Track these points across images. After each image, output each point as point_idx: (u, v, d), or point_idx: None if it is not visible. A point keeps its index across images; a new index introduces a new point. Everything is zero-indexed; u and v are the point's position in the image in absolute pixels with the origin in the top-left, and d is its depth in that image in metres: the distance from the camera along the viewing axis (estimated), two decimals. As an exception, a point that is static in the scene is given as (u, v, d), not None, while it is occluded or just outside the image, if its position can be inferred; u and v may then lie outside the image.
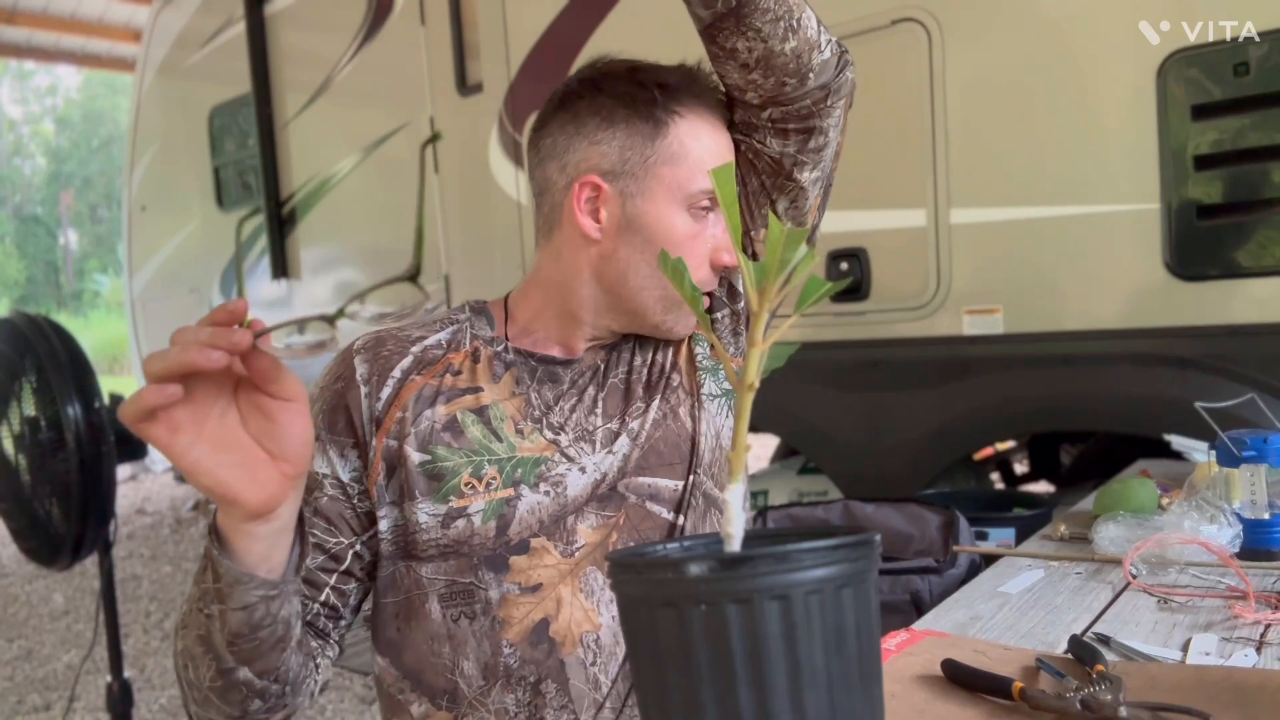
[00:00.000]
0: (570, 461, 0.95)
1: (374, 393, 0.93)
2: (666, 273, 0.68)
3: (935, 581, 1.67)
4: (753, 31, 0.89)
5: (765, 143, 0.98)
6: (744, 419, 0.60)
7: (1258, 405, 1.59)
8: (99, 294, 24.04)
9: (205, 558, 0.75)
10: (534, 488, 0.93)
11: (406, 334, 0.98)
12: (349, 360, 0.95)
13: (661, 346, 1.05)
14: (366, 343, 0.96)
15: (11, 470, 2.03)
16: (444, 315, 1.02)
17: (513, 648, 0.90)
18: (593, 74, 0.98)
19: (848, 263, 2.31)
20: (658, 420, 1.00)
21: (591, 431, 0.97)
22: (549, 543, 0.92)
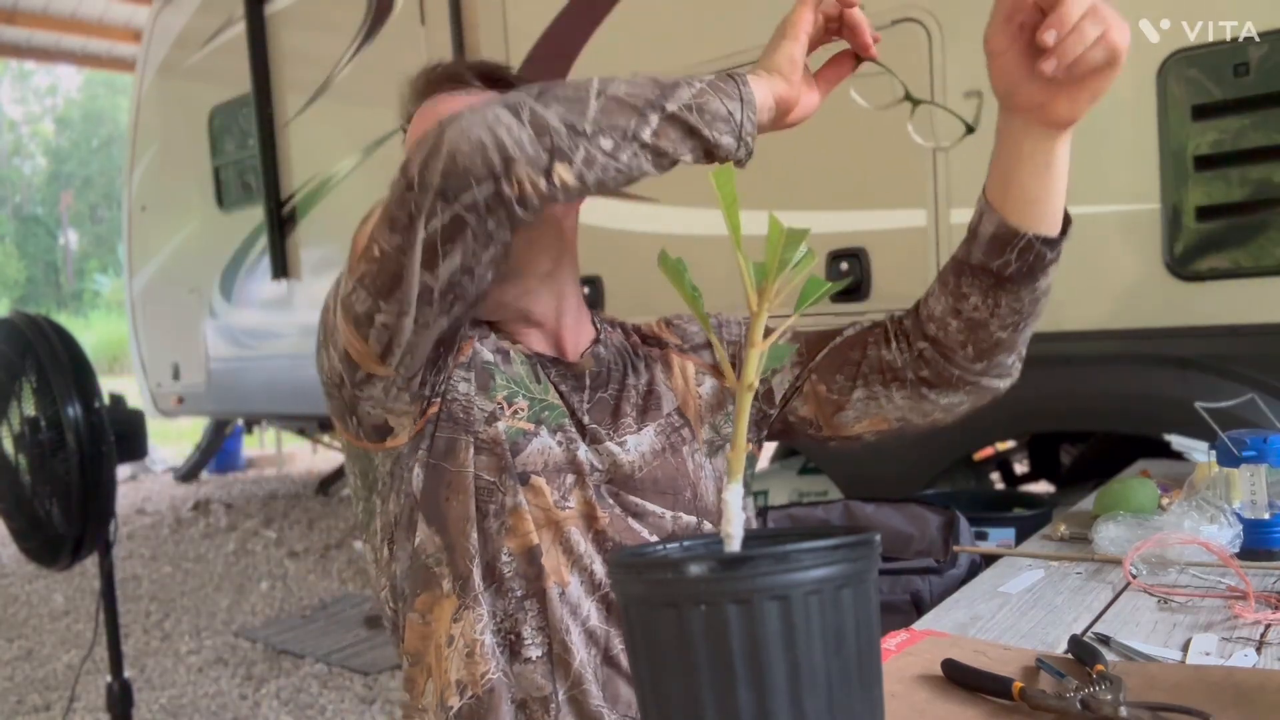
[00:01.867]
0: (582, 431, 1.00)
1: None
2: (667, 273, 0.68)
3: (935, 581, 1.67)
4: (1011, 299, 0.93)
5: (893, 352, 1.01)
6: (744, 419, 0.60)
7: (1258, 405, 1.59)
8: (99, 294, 24.05)
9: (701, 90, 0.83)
10: (553, 432, 0.97)
11: None
12: None
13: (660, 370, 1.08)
14: None
15: (11, 470, 2.04)
16: None
17: (511, 558, 0.94)
18: None
19: (848, 263, 2.31)
20: (656, 450, 1.02)
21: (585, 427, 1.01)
22: (547, 485, 0.96)
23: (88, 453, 1.92)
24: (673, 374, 1.09)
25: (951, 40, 2.14)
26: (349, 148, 3.71)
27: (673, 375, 1.09)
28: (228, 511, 6.05)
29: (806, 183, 2.40)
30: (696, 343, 1.13)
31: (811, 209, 2.36)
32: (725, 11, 2.52)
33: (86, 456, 1.92)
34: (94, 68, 11.82)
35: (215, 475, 7.59)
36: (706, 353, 1.11)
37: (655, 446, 1.03)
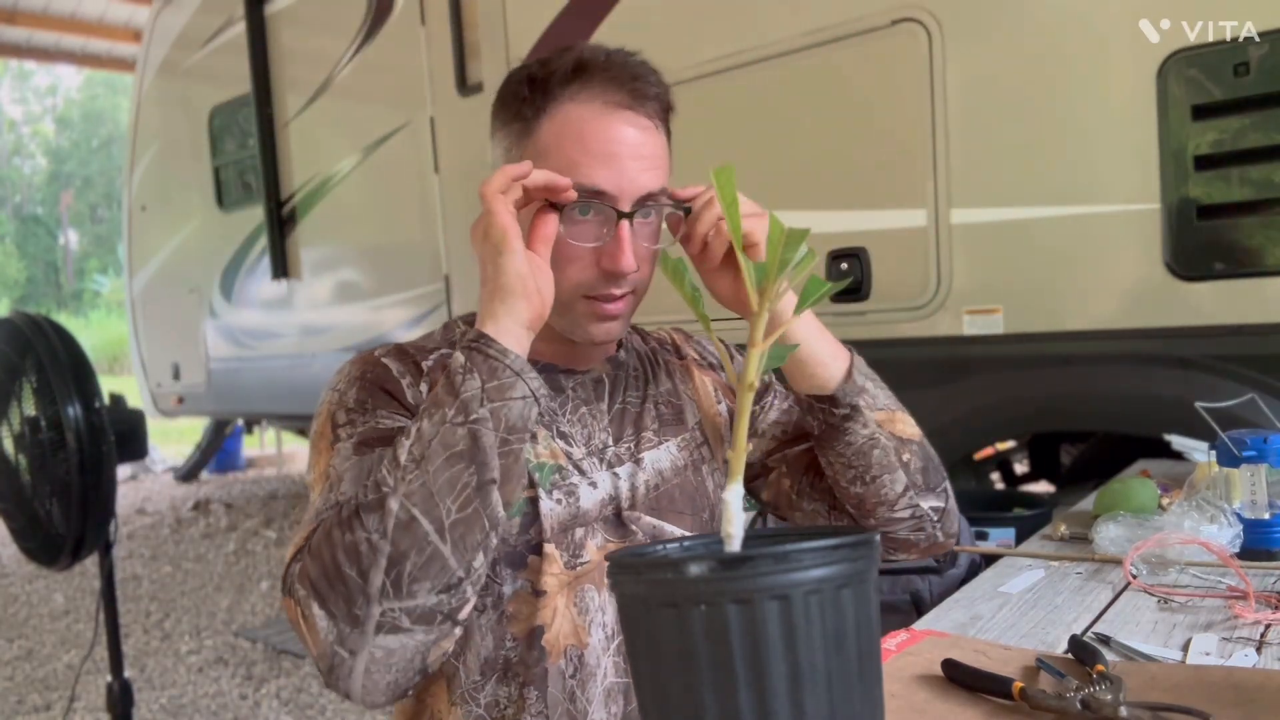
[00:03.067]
0: (582, 474, 0.94)
1: (414, 383, 0.90)
2: (667, 273, 0.68)
3: (935, 581, 1.67)
4: (834, 455, 0.94)
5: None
6: (744, 419, 0.60)
7: (1258, 405, 1.59)
8: (99, 294, 24.05)
9: (466, 369, 0.78)
10: (549, 493, 0.91)
11: (420, 345, 0.96)
12: (375, 360, 0.92)
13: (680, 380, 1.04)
14: (388, 352, 0.93)
15: (12, 470, 2.03)
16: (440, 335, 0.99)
17: (515, 643, 0.90)
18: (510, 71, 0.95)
19: (848, 263, 2.31)
20: (677, 467, 0.99)
21: (601, 449, 0.96)
22: (557, 550, 0.91)
23: (88, 453, 1.92)
24: (694, 387, 1.05)
25: (951, 40, 2.14)
26: (349, 148, 3.72)
27: (694, 388, 1.05)
28: (228, 511, 6.05)
29: (806, 183, 2.40)
30: (714, 361, 1.10)
31: (811, 209, 2.36)
32: (725, 11, 2.52)
33: (86, 456, 1.92)
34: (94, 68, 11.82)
35: (215, 475, 7.59)
36: (722, 372, 1.08)
37: (677, 462, 0.99)
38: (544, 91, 0.89)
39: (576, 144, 0.87)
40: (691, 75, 2.52)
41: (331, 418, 0.88)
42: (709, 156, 0.88)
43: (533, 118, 0.89)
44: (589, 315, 0.91)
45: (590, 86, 0.88)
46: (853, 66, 2.30)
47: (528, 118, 0.90)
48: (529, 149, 0.89)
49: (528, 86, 0.90)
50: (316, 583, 0.76)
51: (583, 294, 0.90)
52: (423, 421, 0.78)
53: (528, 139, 0.89)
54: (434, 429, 0.77)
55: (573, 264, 0.88)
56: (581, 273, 0.89)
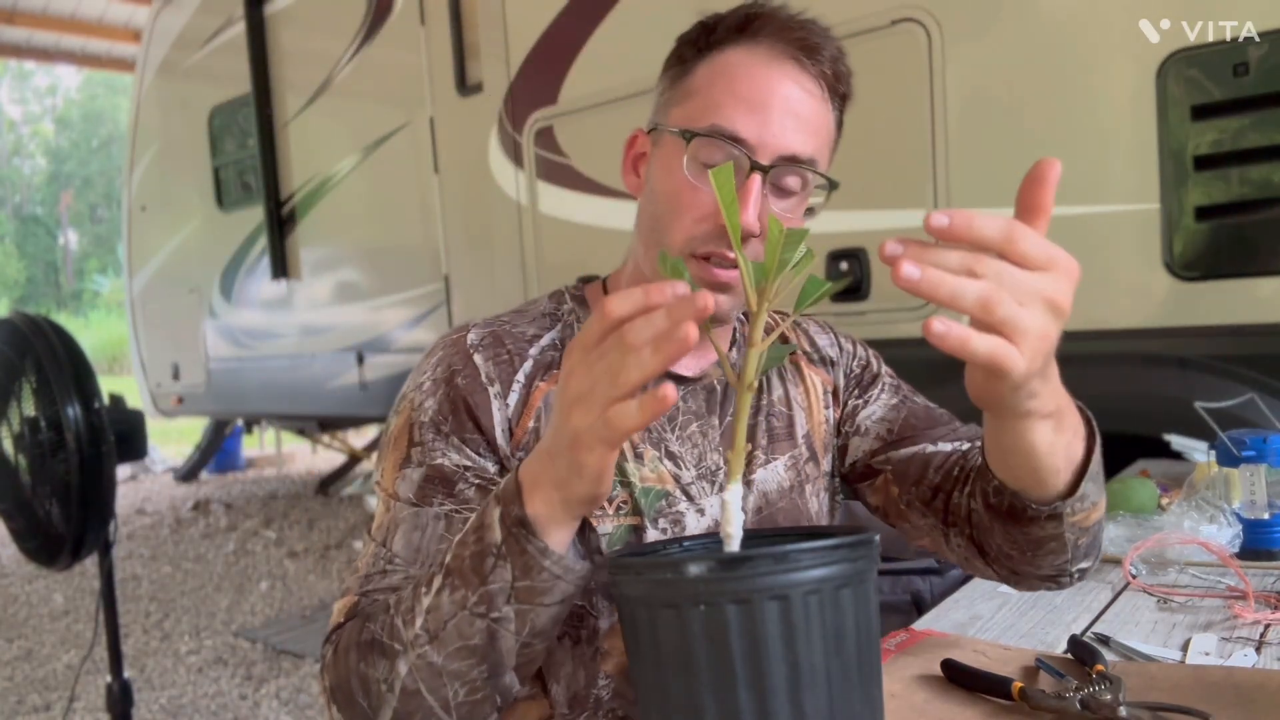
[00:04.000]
0: (690, 501, 0.86)
1: (501, 397, 0.82)
2: (666, 273, 0.68)
3: (935, 581, 1.67)
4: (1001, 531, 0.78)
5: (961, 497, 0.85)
6: (743, 419, 0.60)
7: (1258, 405, 1.59)
8: (99, 294, 24.05)
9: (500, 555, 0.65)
10: (654, 523, 0.84)
11: (520, 331, 0.87)
12: (467, 355, 0.83)
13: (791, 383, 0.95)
14: (483, 339, 0.84)
15: (11, 470, 2.03)
16: (548, 307, 0.90)
17: (609, 679, 0.84)
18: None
19: (848, 263, 2.31)
20: (783, 489, 0.90)
21: (714, 471, 0.88)
22: None
23: (87, 453, 1.92)
24: (804, 389, 0.96)
25: (951, 40, 2.14)
26: (349, 148, 3.71)
27: (804, 391, 0.96)
28: (228, 511, 6.05)
29: (806, 183, 2.40)
30: (819, 357, 0.99)
31: (811, 209, 2.36)
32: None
33: (86, 457, 1.92)
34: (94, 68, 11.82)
35: (215, 475, 7.59)
36: (832, 370, 0.99)
37: (783, 484, 0.91)
38: (710, 34, 0.83)
39: (727, 86, 0.80)
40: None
41: (409, 428, 0.82)
42: (709, 156, 0.88)
43: (692, 59, 0.83)
44: (697, 279, 0.80)
45: (759, 34, 0.82)
46: (853, 66, 2.30)
47: (688, 59, 0.84)
48: (680, 88, 0.84)
49: (699, 30, 0.84)
50: (335, 690, 0.73)
51: (694, 250, 0.80)
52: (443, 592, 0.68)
53: (682, 80, 0.84)
54: (452, 609, 0.67)
55: (690, 212, 0.80)
56: (697, 224, 0.80)
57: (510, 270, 3.08)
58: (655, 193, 0.84)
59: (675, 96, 0.84)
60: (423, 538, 0.78)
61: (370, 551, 0.80)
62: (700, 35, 0.84)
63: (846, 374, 0.99)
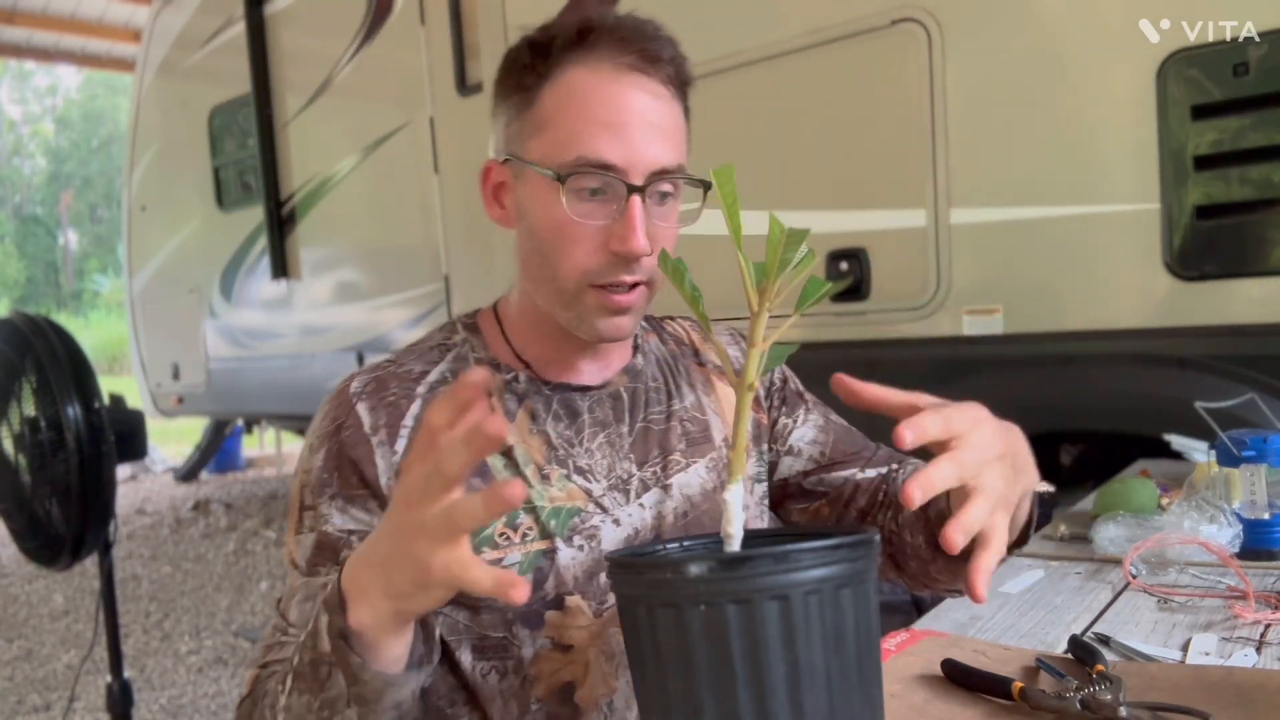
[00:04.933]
0: (604, 512, 0.85)
1: (387, 444, 0.80)
2: (667, 273, 0.68)
3: (935, 581, 1.67)
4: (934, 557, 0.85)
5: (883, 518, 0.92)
6: (744, 419, 0.61)
7: (1258, 405, 1.59)
8: (99, 294, 24.05)
9: (329, 664, 0.65)
10: (568, 541, 0.82)
11: (407, 370, 0.84)
12: (350, 406, 0.81)
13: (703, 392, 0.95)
14: (366, 385, 0.82)
15: (11, 470, 2.03)
16: (437, 339, 0.89)
17: (540, 704, 0.83)
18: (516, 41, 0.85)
19: (848, 263, 2.31)
20: (706, 491, 0.90)
21: (626, 480, 0.87)
22: (583, 601, 0.83)
23: (87, 453, 1.92)
24: (717, 398, 0.96)
25: (951, 40, 2.14)
26: (349, 148, 3.71)
27: (717, 400, 0.96)
28: (228, 511, 6.05)
29: (806, 183, 2.40)
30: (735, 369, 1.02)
31: (811, 209, 2.36)
32: (725, 11, 2.52)
33: (86, 456, 1.92)
34: (94, 68, 11.82)
35: (215, 475, 7.59)
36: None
37: (705, 486, 0.90)
38: (546, 56, 0.80)
39: (580, 111, 0.78)
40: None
41: (301, 494, 0.81)
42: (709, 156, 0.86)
43: (534, 86, 0.80)
44: (598, 308, 0.81)
45: (597, 49, 0.79)
46: (853, 66, 2.30)
47: (529, 86, 0.81)
48: (531, 118, 0.80)
49: (529, 53, 0.81)
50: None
51: (590, 282, 0.80)
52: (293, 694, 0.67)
53: (529, 109, 0.80)
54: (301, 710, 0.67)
55: (578, 246, 0.79)
56: (588, 257, 0.79)
57: (510, 272, 3.08)
58: (536, 229, 0.82)
59: (527, 127, 0.81)
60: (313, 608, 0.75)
61: (272, 622, 0.79)
62: (535, 57, 0.80)
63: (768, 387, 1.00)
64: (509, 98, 0.83)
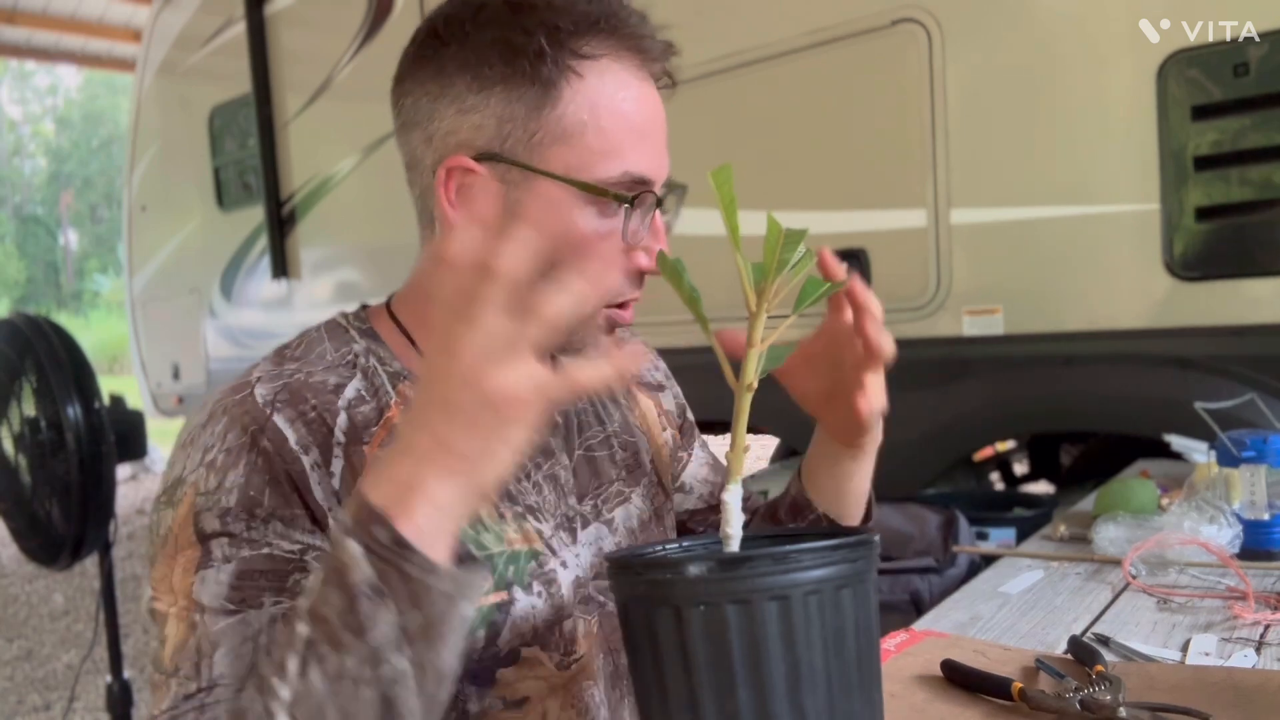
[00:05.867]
0: (554, 555, 0.75)
1: (322, 466, 0.66)
2: (666, 274, 0.68)
3: (935, 581, 1.67)
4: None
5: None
6: (743, 419, 0.61)
7: (1258, 406, 1.59)
8: (99, 294, 24.07)
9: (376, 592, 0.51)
10: (528, 589, 0.73)
11: (319, 380, 0.70)
12: (262, 416, 0.66)
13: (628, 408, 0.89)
14: (277, 394, 0.67)
15: (11, 470, 2.03)
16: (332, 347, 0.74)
17: None
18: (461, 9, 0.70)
19: (848, 263, 2.31)
20: (644, 521, 0.83)
21: (570, 519, 0.78)
22: (543, 653, 0.73)
23: (88, 453, 1.92)
24: (639, 413, 0.90)
25: (951, 40, 2.14)
26: (349, 148, 3.71)
27: (640, 415, 0.90)
28: (228, 511, 6.05)
29: (806, 183, 2.40)
30: (650, 381, 0.94)
31: (812, 209, 2.36)
32: (725, 12, 2.52)
33: (86, 456, 1.92)
34: (94, 68, 11.82)
35: (215, 475, 7.59)
36: (663, 394, 0.94)
37: (644, 516, 0.83)
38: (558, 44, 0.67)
39: (620, 121, 0.68)
40: (692, 75, 2.52)
41: (196, 519, 0.64)
42: (709, 157, 0.86)
43: (558, 79, 0.67)
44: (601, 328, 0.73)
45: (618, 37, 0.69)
46: (853, 66, 2.30)
47: (550, 80, 0.67)
48: (551, 124, 0.67)
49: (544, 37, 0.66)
50: None
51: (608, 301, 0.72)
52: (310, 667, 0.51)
53: (547, 110, 0.67)
54: (326, 685, 0.51)
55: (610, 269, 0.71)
56: (615, 278, 0.71)
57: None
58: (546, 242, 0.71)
59: (548, 132, 0.67)
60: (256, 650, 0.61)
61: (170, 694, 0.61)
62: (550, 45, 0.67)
63: (676, 402, 0.97)
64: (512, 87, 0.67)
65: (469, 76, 0.68)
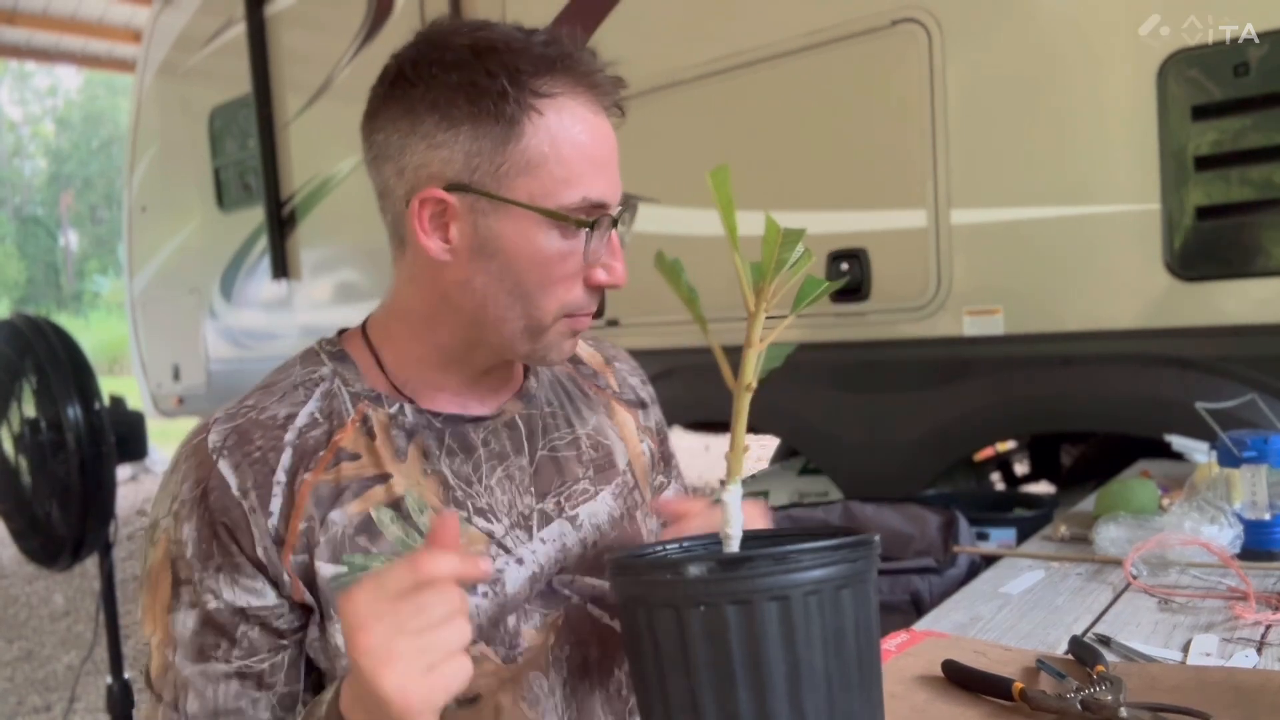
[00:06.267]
0: (507, 553, 0.80)
1: (259, 508, 0.73)
2: (664, 273, 0.68)
3: (935, 582, 1.67)
4: None
5: None
6: (742, 419, 0.60)
7: (1258, 405, 1.59)
8: (99, 295, 24.08)
9: None
10: (472, 590, 0.77)
11: (270, 415, 0.77)
12: (211, 465, 0.74)
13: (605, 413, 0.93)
14: (226, 438, 0.75)
15: (12, 471, 2.03)
16: (299, 376, 0.81)
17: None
18: (427, 52, 0.76)
19: (848, 263, 2.31)
20: (614, 519, 0.87)
21: (527, 516, 0.82)
22: (488, 649, 0.78)
23: (88, 453, 1.92)
24: (617, 423, 0.94)
25: (951, 40, 2.14)
26: (349, 148, 3.71)
27: (618, 424, 0.94)
28: (228, 512, 6.05)
29: (806, 183, 2.40)
30: (632, 398, 0.98)
31: (811, 209, 2.36)
32: (725, 12, 2.52)
33: (86, 457, 1.92)
34: (94, 68, 11.82)
35: (215, 476, 7.59)
36: (644, 412, 0.98)
37: (614, 513, 0.87)
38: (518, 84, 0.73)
39: (578, 152, 0.75)
40: (692, 75, 2.52)
41: (171, 564, 0.74)
42: (709, 157, 0.86)
43: (515, 118, 0.73)
44: (564, 334, 0.80)
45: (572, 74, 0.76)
46: (853, 66, 2.30)
47: (513, 118, 0.73)
48: (516, 157, 0.74)
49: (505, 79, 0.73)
50: None
51: (565, 313, 0.79)
52: None
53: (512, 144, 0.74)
54: None
55: (563, 284, 0.77)
56: (570, 292, 0.78)
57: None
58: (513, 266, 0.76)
59: (513, 164, 0.74)
60: (218, 697, 0.74)
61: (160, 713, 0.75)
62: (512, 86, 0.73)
63: (657, 423, 1.00)
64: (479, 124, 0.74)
65: (438, 116, 0.75)
